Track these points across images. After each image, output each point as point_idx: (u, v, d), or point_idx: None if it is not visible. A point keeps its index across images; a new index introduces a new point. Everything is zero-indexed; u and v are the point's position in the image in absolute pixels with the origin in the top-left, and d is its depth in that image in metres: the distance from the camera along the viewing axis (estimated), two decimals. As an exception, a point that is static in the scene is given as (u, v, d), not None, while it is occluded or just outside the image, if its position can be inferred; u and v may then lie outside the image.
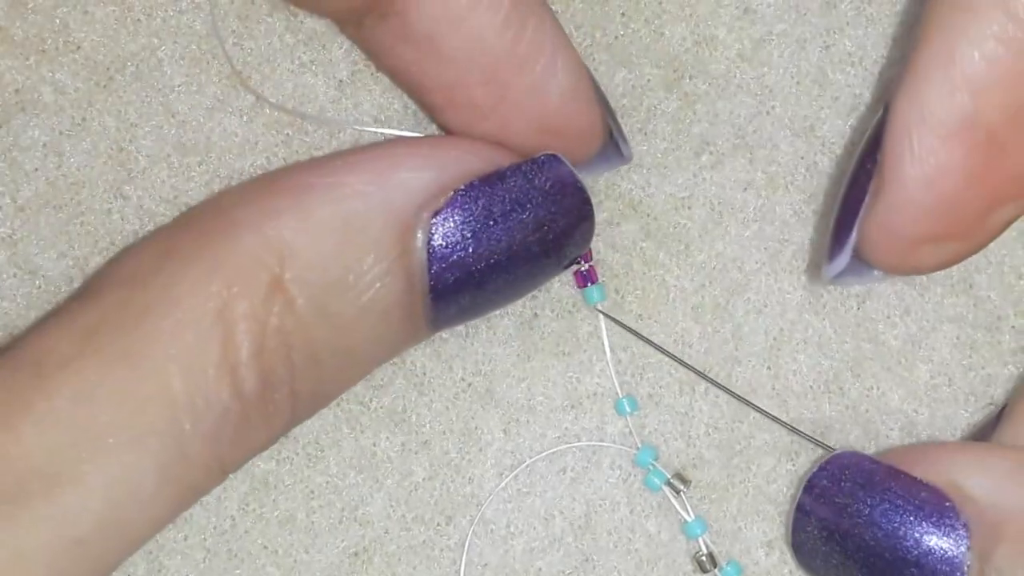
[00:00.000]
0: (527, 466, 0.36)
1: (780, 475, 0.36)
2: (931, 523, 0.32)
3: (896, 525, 0.32)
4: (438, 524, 0.36)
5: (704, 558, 0.36)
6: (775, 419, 0.36)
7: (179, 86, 0.35)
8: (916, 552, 0.32)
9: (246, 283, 0.30)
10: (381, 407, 0.36)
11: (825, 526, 0.33)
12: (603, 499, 0.36)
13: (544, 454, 0.36)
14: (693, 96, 0.36)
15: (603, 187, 0.36)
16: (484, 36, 0.32)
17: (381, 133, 0.36)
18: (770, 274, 0.36)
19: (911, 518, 0.32)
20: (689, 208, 0.36)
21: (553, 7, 0.36)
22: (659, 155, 0.36)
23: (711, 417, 0.36)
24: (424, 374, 0.36)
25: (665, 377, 0.36)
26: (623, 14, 0.36)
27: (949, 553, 0.31)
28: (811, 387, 0.36)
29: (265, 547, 0.36)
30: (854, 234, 0.33)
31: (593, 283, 0.36)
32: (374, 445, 0.36)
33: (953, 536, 0.31)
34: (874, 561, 0.32)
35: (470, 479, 0.36)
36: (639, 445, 0.36)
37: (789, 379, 0.36)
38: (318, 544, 0.36)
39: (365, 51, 0.35)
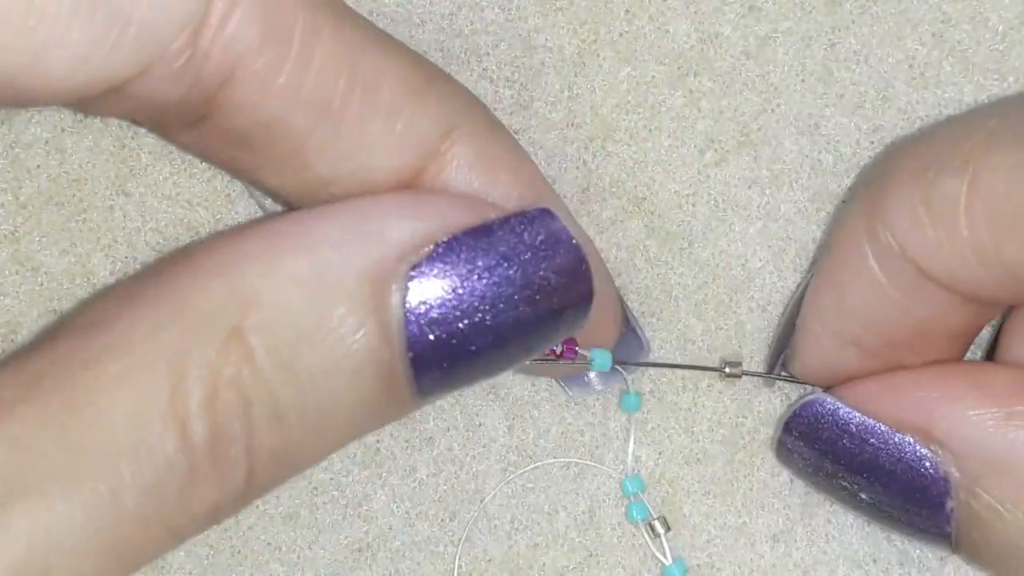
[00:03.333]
0: (500, 486, 0.36)
1: (783, 469, 0.36)
2: (910, 478, 0.32)
3: (876, 477, 0.33)
4: (442, 520, 0.36)
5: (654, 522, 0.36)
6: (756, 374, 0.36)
7: (181, 81, 0.35)
8: (900, 504, 0.33)
9: (203, 330, 0.28)
10: (385, 404, 0.36)
11: (807, 464, 0.34)
12: (606, 494, 0.36)
13: (527, 468, 0.36)
14: (698, 93, 0.36)
15: (607, 184, 0.36)
16: None
17: None
18: (774, 272, 0.37)
19: (890, 473, 0.33)
20: (693, 205, 0.36)
21: (556, 3, 0.36)
22: (663, 152, 0.36)
23: (714, 413, 0.36)
24: (428, 371, 0.36)
25: (667, 373, 0.36)
26: (627, 11, 0.36)
27: (933, 503, 0.32)
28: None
29: (269, 543, 0.36)
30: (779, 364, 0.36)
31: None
32: (377, 441, 0.36)
33: (934, 487, 0.32)
34: (860, 498, 0.33)
35: (474, 475, 0.36)
36: (628, 474, 0.36)
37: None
38: (322, 540, 0.36)
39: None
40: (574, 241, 0.31)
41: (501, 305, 0.30)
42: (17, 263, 0.35)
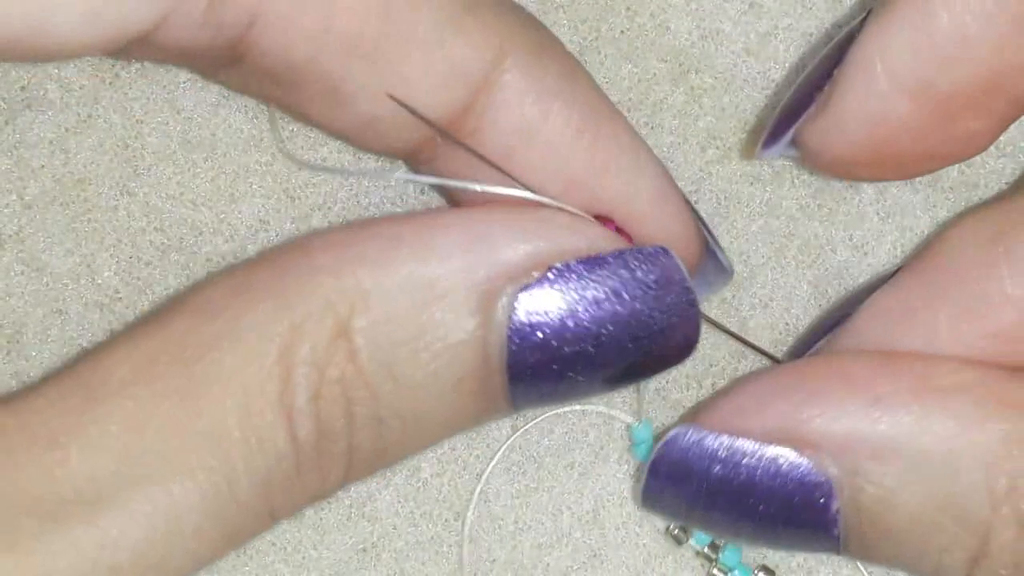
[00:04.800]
0: (523, 432, 0.36)
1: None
2: (791, 490, 0.31)
3: (757, 499, 0.31)
4: (446, 520, 0.36)
5: (677, 532, 0.35)
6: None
7: (184, 82, 0.35)
8: (784, 519, 0.31)
9: (312, 326, 0.29)
10: (388, 403, 0.36)
11: (680, 503, 0.32)
12: (611, 494, 0.36)
13: (539, 419, 0.36)
14: (699, 90, 0.36)
15: (609, 182, 0.36)
16: (559, 147, 0.31)
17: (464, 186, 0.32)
18: (776, 268, 0.36)
19: (769, 489, 0.31)
20: (696, 202, 0.36)
21: (557, 1, 0.36)
22: (666, 149, 0.36)
23: (718, 411, 0.36)
24: (431, 370, 0.36)
25: (672, 372, 0.36)
26: (628, 8, 0.36)
27: (818, 508, 0.31)
28: (818, 381, 0.36)
29: (274, 544, 0.36)
30: (790, 133, 0.33)
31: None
32: (381, 441, 0.36)
33: (817, 491, 0.31)
34: (741, 526, 0.32)
35: (478, 475, 0.36)
36: (642, 418, 0.36)
37: (796, 373, 0.36)
38: (326, 541, 0.36)
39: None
40: (687, 284, 0.31)
41: (604, 338, 0.30)
42: (22, 263, 0.35)
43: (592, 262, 0.30)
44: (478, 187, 0.31)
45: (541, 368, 0.30)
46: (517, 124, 0.31)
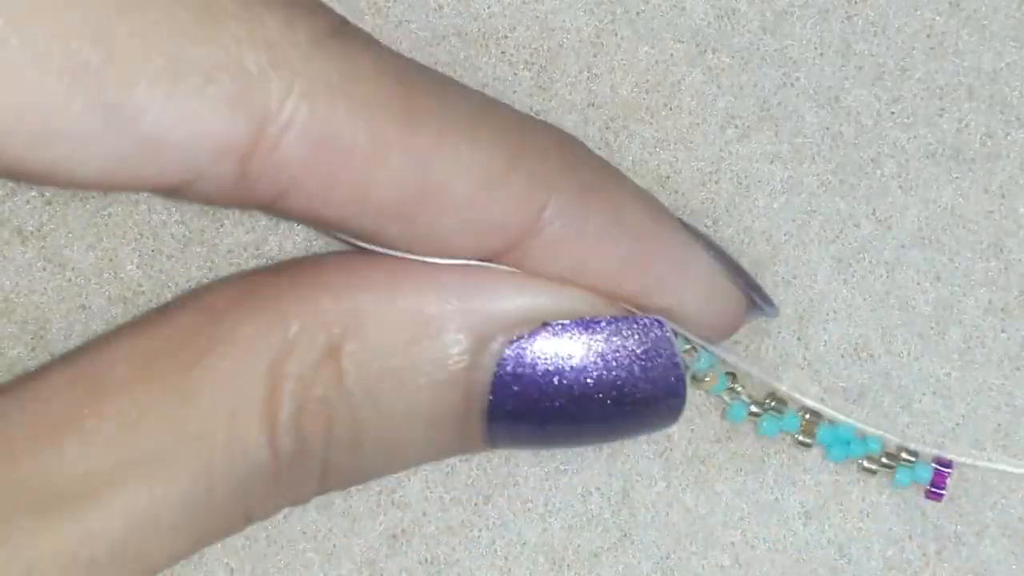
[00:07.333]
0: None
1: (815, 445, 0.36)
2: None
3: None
4: (476, 504, 0.36)
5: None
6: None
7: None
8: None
9: (304, 342, 0.29)
10: (415, 390, 0.36)
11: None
12: (639, 474, 0.36)
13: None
14: (717, 70, 0.36)
15: (630, 164, 0.36)
16: (607, 279, 0.31)
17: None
18: (798, 245, 0.37)
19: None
20: (716, 183, 0.36)
21: (573, -15, 0.36)
22: (684, 130, 0.36)
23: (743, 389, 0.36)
24: (457, 355, 0.36)
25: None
26: (644, -10, 0.36)
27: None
28: (842, 356, 0.36)
29: (304, 532, 0.36)
30: None
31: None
32: (408, 428, 0.36)
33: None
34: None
35: (506, 459, 0.36)
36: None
37: (820, 349, 0.37)
38: (356, 528, 0.36)
39: None
40: (676, 359, 0.31)
41: (586, 401, 0.31)
42: (44, 259, 0.35)
43: (586, 324, 0.31)
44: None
45: (520, 417, 0.31)
46: (561, 266, 0.31)
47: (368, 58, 0.29)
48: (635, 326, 0.31)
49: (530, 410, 0.31)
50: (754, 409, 0.35)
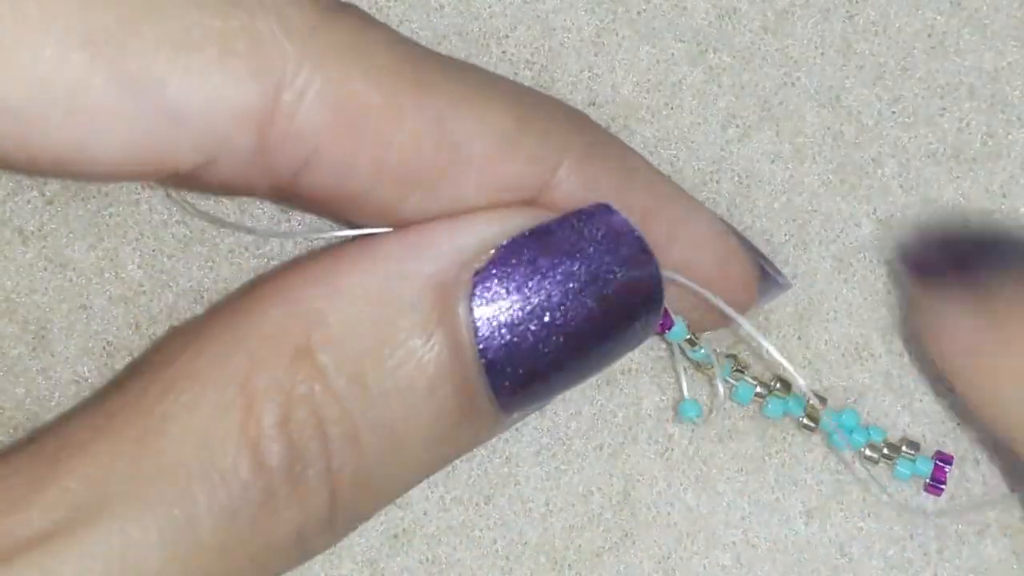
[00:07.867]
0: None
1: (816, 444, 0.36)
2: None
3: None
4: (477, 504, 0.36)
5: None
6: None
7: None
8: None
9: (269, 353, 0.29)
10: (416, 389, 0.36)
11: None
12: (641, 474, 0.36)
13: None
14: (718, 69, 0.36)
15: (630, 163, 0.36)
16: None
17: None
18: (799, 245, 0.37)
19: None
20: (717, 182, 0.36)
21: (574, -15, 0.36)
22: (685, 130, 0.36)
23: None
24: (458, 355, 0.36)
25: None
26: (645, -11, 0.36)
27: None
28: (842, 355, 0.37)
29: (305, 533, 0.36)
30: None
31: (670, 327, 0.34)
32: (409, 428, 0.36)
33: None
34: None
35: (507, 458, 0.36)
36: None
37: (820, 348, 0.37)
38: (358, 528, 0.36)
39: None
40: (636, 233, 0.31)
41: (568, 303, 0.30)
42: (45, 259, 0.35)
43: (538, 231, 0.30)
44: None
45: (515, 351, 0.30)
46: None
47: (376, 29, 0.29)
48: (583, 215, 0.31)
49: (522, 336, 0.30)
50: (760, 391, 0.35)
